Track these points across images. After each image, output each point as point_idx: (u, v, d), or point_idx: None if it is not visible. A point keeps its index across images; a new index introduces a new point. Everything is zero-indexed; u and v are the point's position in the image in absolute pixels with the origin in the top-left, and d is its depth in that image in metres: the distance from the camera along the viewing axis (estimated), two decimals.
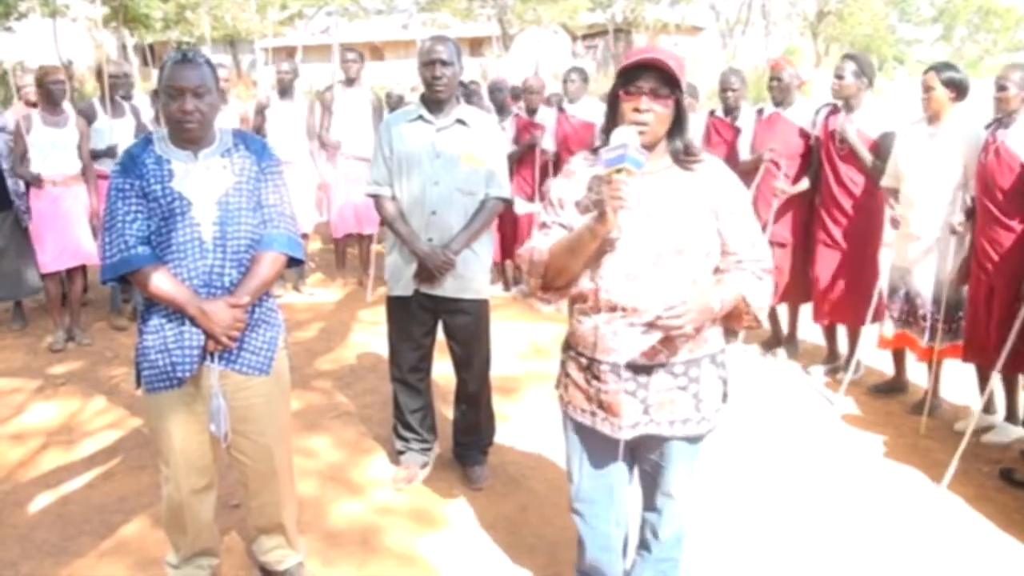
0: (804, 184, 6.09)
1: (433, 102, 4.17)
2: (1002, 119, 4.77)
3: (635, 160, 2.47)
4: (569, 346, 2.95)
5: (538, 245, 2.80)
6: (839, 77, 5.66)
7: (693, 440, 2.87)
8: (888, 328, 5.51)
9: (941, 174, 5.04)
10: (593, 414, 2.87)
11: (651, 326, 2.65)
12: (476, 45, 38.46)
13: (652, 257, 2.65)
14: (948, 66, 5.19)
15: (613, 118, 2.69)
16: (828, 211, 5.84)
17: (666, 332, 2.60)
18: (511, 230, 8.13)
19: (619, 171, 2.47)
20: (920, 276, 5.23)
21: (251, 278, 3.08)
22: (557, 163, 7.90)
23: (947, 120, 5.06)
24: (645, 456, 2.96)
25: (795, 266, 6.24)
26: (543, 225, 2.85)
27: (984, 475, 4.64)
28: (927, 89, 5.06)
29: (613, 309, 2.70)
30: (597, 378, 2.81)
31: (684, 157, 2.73)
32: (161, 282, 2.96)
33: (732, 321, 2.85)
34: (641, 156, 2.49)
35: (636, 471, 3.07)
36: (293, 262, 3.27)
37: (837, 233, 5.81)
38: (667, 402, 2.76)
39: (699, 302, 2.59)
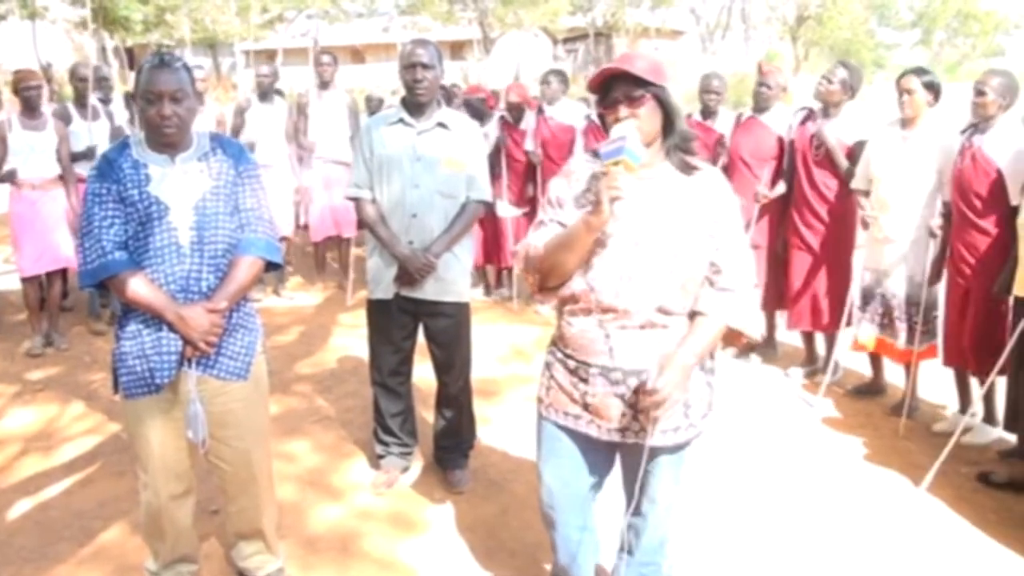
0: (781, 188, 6.12)
1: (414, 105, 4.17)
2: (978, 124, 4.80)
3: (633, 153, 2.48)
4: (556, 348, 2.94)
5: (534, 241, 2.80)
6: (828, 81, 5.68)
7: (680, 447, 2.87)
8: (864, 332, 5.53)
9: (915, 177, 5.08)
10: (578, 417, 2.86)
11: (639, 410, 2.69)
12: (457, 48, 38.53)
13: (645, 260, 2.64)
14: (924, 70, 5.24)
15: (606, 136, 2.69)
16: (801, 215, 5.87)
17: (655, 411, 2.61)
18: (493, 234, 8.13)
19: (616, 163, 2.48)
20: (894, 278, 5.27)
21: (228, 283, 3.07)
22: (538, 166, 7.90)
23: (922, 124, 5.11)
24: (630, 462, 2.96)
25: (769, 271, 6.26)
26: (540, 223, 2.84)
27: (962, 476, 4.67)
28: (908, 92, 5.08)
29: (605, 311, 2.69)
30: (585, 381, 2.80)
31: (683, 154, 2.72)
32: (138, 287, 2.95)
33: (729, 338, 2.85)
34: (639, 150, 2.50)
35: (620, 476, 3.06)
36: (271, 266, 3.26)
37: (810, 237, 5.84)
38: None
39: (675, 375, 2.59)
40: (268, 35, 36.52)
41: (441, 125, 4.18)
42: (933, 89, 5.09)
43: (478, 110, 7.99)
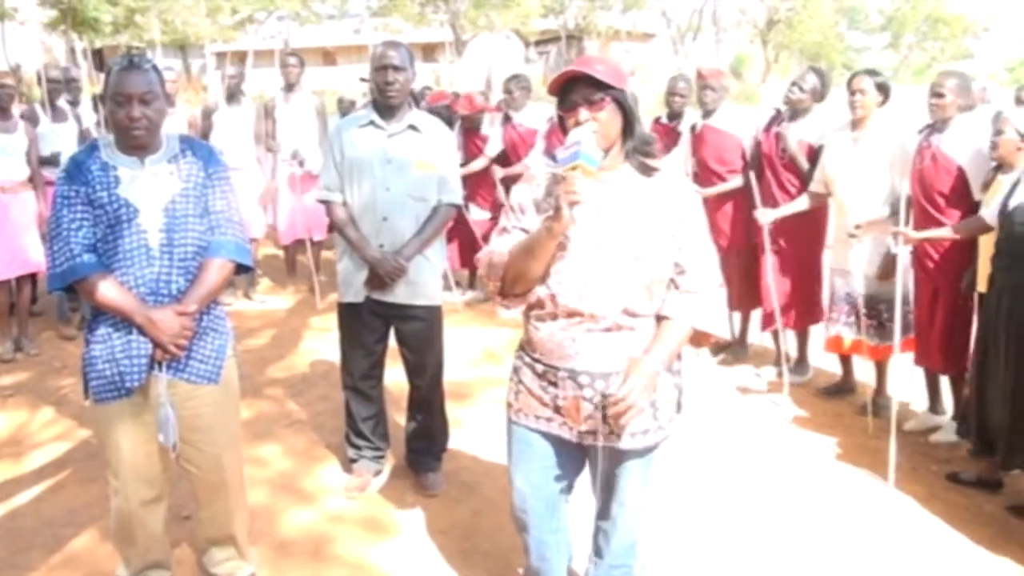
0: (735, 182, 6.17)
1: (385, 107, 4.16)
2: (935, 124, 4.87)
3: (589, 157, 2.47)
4: (524, 352, 2.93)
5: (497, 248, 2.79)
6: (800, 88, 5.73)
7: (649, 449, 2.88)
8: (834, 332, 5.57)
9: (868, 177, 5.16)
10: (549, 419, 2.86)
11: (605, 416, 2.68)
12: (429, 51, 38.45)
13: (609, 262, 2.65)
14: (876, 72, 5.40)
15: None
16: None
17: (622, 418, 2.62)
18: (467, 238, 8.11)
19: (574, 168, 2.47)
20: (856, 277, 5.32)
21: (198, 285, 3.06)
22: (505, 167, 7.91)
23: (871, 124, 5.21)
24: (598, 464, 2.97)
25: (740, 271, 6.28)
26: (503, 230, 2.84)
27: (933, 474, 4.71)
28: (860, 92, 5.17)
29: (571, 315, 2.69)
30: (554, 384, 2.80)
31: (642, 156, 2.72)
32: (108, 290, 2.93)
33: (697, 339, 2.86)
34: (596, 154, 2.50)
35: (587, 478, 3.07)
36: (241, 268, 3.25)
37: (780, 237, 5.86)
38: None
39: (640, 381, 2.59)
40: (239, 37, 36.29)
41: (412, 127, 4.17)
42: (883, 90, 5.21)
43: (443, 118, 8.00)
